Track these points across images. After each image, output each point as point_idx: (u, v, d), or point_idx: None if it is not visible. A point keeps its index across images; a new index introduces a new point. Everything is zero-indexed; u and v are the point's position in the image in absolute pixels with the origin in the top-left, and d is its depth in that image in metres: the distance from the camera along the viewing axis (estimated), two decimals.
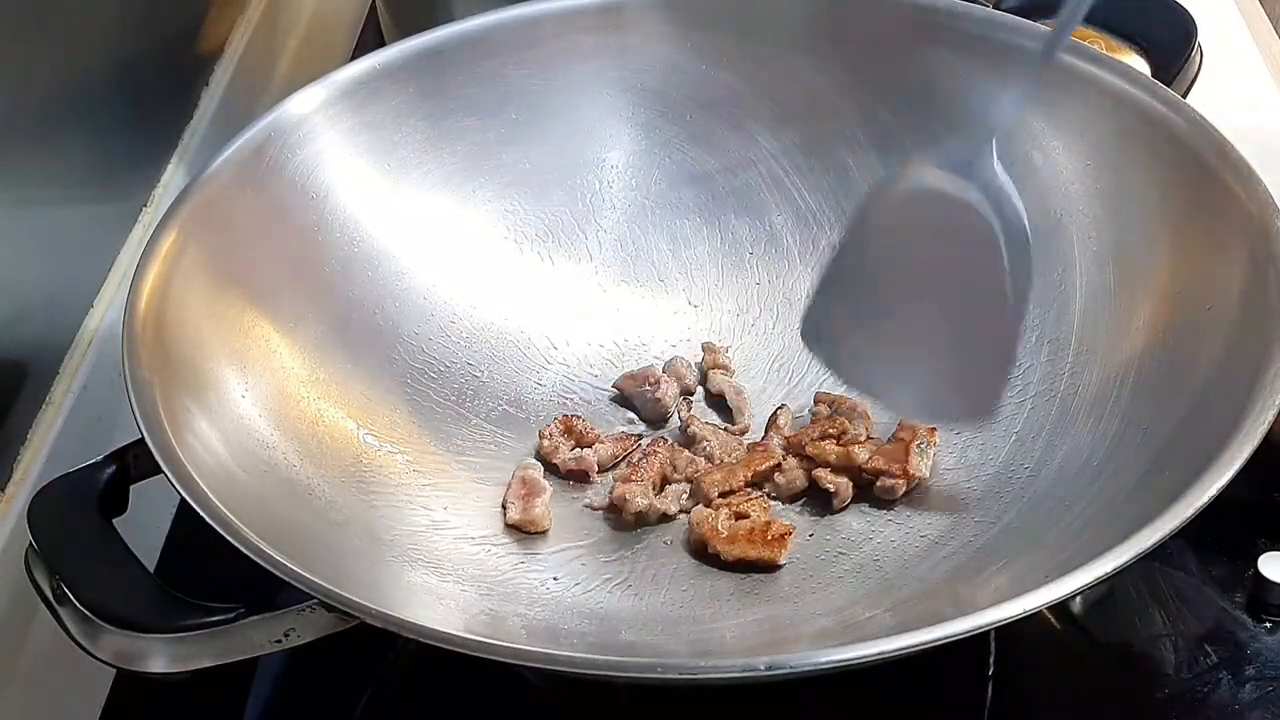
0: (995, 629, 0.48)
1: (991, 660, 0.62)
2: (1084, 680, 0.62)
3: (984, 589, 0.57)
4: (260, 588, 0.52)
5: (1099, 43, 0.76)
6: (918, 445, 0.64)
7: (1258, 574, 0.63)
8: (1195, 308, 0.61)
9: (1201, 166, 0.63)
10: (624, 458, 0.68)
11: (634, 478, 0.65)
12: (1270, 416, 0.53)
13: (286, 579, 0.51)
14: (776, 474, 0.66)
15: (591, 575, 0.63)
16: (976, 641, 0.48)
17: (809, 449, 0.66)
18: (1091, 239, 0.67)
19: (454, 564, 0.62)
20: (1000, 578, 0.57)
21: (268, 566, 0.51)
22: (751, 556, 0.62)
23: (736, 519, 0.63)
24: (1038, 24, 0.72)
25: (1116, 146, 0.68)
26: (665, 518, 0.65)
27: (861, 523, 0.64)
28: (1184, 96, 0.70)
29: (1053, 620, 0.64)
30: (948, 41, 0.72)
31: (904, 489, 0.64)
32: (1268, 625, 0.62)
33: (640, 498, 0.64)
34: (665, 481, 0.66)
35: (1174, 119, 0.65)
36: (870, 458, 0.64)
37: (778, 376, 0.71)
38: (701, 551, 0.63)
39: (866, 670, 0.48)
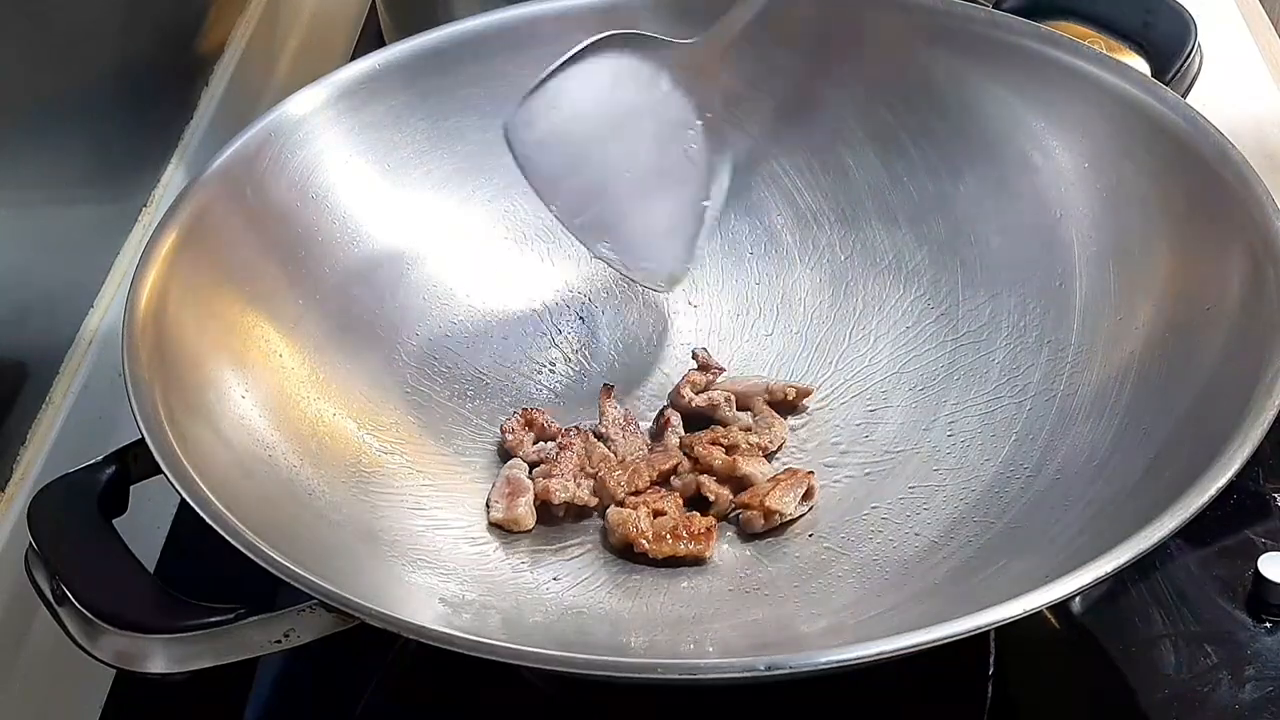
0: (995, 629, 0.48)
1: (991, 660, 0.62)
2: (1084, 680, 0.62)
3: (984, 589, 0.57)
4: (260, 588, 0.52)
5: (1099, 43, 0.76)
6: (788, 483, 0.64)
7: (1258, 574, 0.63)
8: (1195, 308, 0.61)
9: (1201, 166, 0.63)
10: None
11: (554, 472, 0.65)
12: (1270, 416, 0.53)
13: (286, 579, 0.51)
14: (673, 476, 0.66)
15: (592, 575, 0.63)
16: (976, 641, 0.48)
17: (697, 450, 0.66)
18: (1091, 239, 0.67)
19: (454, 564, 0.62)
20: (1000, 578, 0.57)
21: (267, 567, 0.51)
22: (681, 553, 0.62)
23: (656, 516, 0.63)
24: (1038, 24, 0.72)
25: (1116, 146, 0.68)
26: (589, 509, 0.65)
27: (861, 523, 0.64)
28: (1184, 96, 0.69)
29: (1053, 620, 0.64)
30: (947, 41, 0.72)
31: (762, 523, 0.63)
32: (1268, 625, 0.62)
33: (561, 491, 0.64)
34: (583, 472, 0.66)
35: (1174, 119, 0.65)
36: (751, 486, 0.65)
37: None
38: (626, 551, 0.63)
39: (866, 670, 0.48)
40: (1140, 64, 0.75)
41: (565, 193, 0.68)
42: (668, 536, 0.63)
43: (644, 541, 0.62)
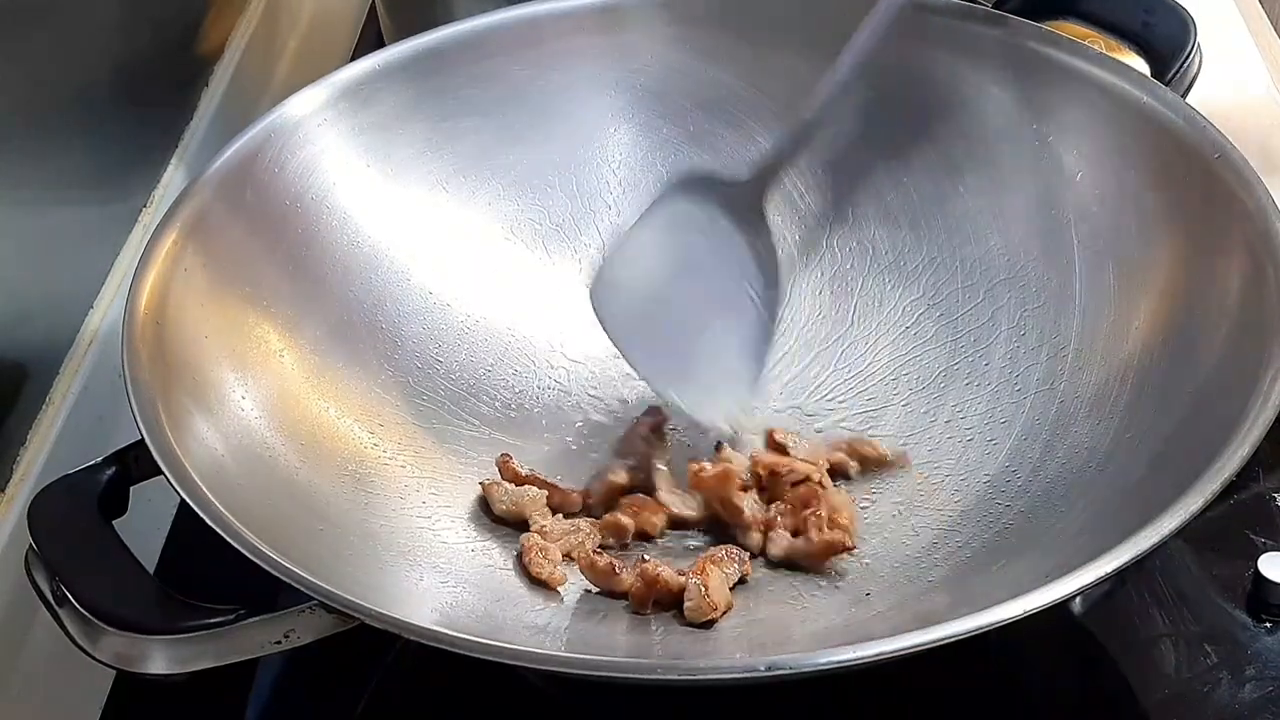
0: (995, 629, 0.48)
1: (992, 660, 0.62)
2: (1084, 680, 0.62)
3: (984, 589, 0.57)
4: (260, 589, 0.52)
5: (1099, 43, 0.76)
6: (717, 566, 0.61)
7: (1258, 574, 0.63)
8: (1195, 308, 0.61)
9: (1201, 166, 0.63)
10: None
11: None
12: (1269, 417, 0.53)
13: (286, 580, 0.51)
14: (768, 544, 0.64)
15: None
16: (976, 641, 0.48)
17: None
18: (1091, 239, 0.67)
19: (454, 565, 0.62)
20: (1000, 578, 0.57)
21: (267, 567, 0.51)
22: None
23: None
24: (1038, 24, 0.72)
25: (1116, 146, 0.68)
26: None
27: (860, 523, 0.64)
28: (1184, 96, 0.70)
29: (1053, 620, 0.64)
30: (947, 41, 0.72)
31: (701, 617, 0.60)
32: (1268, 625, 0.62)
33: (544, 562, 0.62)
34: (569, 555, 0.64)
35: (1174, 119, 0.65)
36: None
37: (778, 378, 0.71)
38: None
39: (866, 670, 0.48)
40: (1140, 64, 0.75)
41: (646, 350, 0.67)
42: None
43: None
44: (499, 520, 0.65)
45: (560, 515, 0.65)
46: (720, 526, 0.65)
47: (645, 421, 0.69)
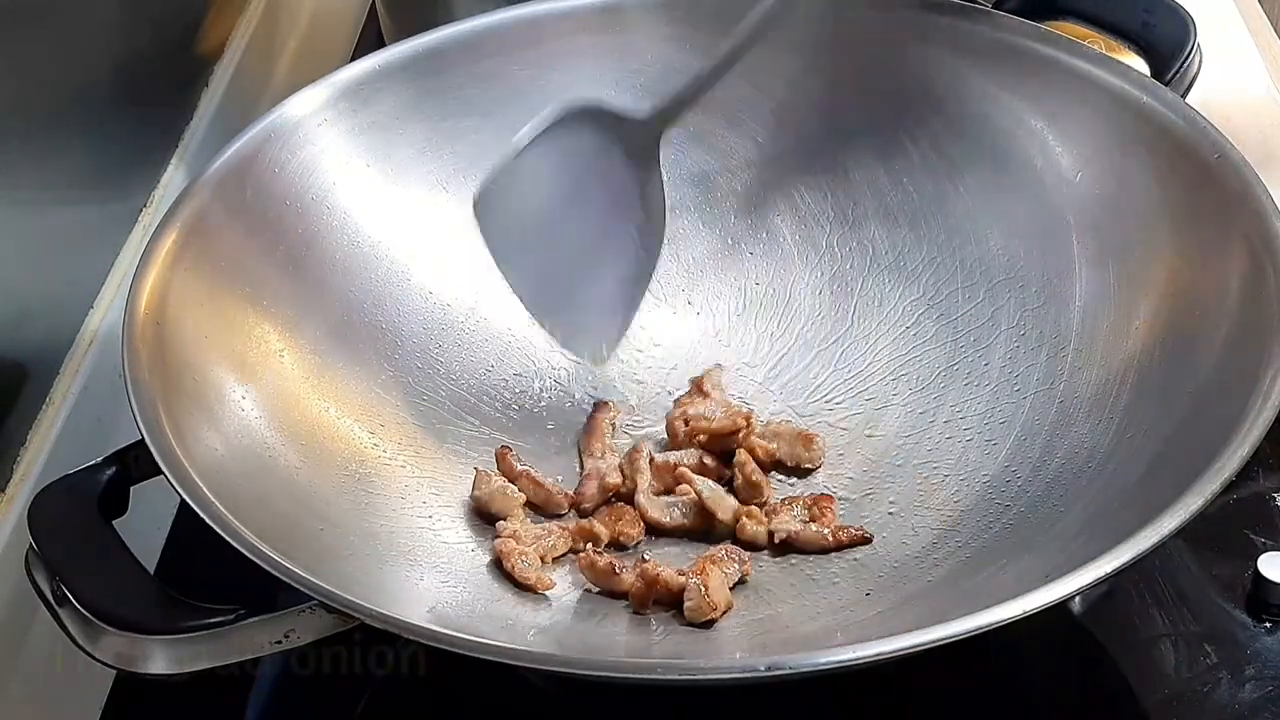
0: (995, 629, 0.48)
1: (992, 660, 0.62)
2: (1084, 680, 0.62)
3: (984, 589, 0.57)
4: (260, 589, 0.52)
5: (1099, 43, 0.76)
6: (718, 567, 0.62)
7: (1258, 574, 0.63)
8: (1195, 308, 0.61)
9: (1201, 166, 0.63)
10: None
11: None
12: (1269, 417, 0.53)
13: (286, 580, 0.51)
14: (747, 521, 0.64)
15: None
16: (976, 641, 0.48)
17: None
18: (1091, 239, 0.67)
19: (454, 565, 0.62)
20: (1000, 578, 0.57)
21: (267, 568, 0.51)
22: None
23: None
24: (1038, 24, 0.72)
25: (1116, 146, 0.68)
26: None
27: (861, 523, 0.64)
28: (1184, 97, 0.70)
29: (1053, 620, 0.64)
30: (947, 41, 0.72)
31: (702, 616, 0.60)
32: (1268, 625, 0.62)
33: (527, 567, 0.62)
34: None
35: (1174, 119, 0.65)
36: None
37: (778, 379, 0.71)
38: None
39: (866, 670, 0.48)
40: (1140, 64, 0.75)
41: (525, 271, 0.68)
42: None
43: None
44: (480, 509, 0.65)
45: (529, 519, 0.65)
46: (701, 533, 0.65)
47: (600, 416, 0.69)
